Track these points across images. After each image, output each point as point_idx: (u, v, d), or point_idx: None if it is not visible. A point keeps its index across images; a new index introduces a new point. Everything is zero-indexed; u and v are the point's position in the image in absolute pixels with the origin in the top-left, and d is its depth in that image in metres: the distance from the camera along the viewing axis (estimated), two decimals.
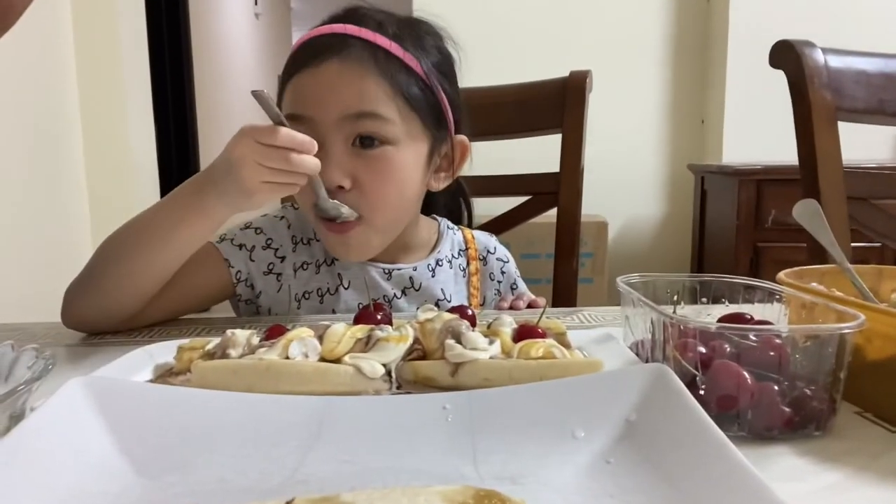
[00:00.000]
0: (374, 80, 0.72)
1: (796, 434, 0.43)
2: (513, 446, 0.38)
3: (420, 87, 0.76)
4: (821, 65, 1.01)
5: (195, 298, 0.79)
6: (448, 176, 0.85)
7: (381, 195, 0.75)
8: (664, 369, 0.41)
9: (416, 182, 0.79)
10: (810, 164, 0.99)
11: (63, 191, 2.16)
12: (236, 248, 0.82)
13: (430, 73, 0.77)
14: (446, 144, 0.82)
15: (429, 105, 0.77)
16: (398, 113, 0.74)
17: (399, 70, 0.74)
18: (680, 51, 2.69)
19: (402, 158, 0.75)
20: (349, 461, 0.38)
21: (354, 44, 0.72)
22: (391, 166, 0.74)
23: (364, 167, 0.74)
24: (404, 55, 0.74)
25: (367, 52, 0.72)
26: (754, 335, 0.45)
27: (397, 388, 0.49)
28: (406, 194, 0.79)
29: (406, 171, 0.77)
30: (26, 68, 1.96)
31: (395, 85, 0.73)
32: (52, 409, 0.38)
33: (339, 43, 0.72)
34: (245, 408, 0.42)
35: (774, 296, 0.55)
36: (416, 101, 0.75)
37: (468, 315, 0.55)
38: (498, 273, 0.95)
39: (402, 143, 0.75)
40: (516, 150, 1.33)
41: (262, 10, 5.40)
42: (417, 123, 0.76)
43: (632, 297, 0.55)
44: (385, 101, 0.73)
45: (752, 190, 2.20)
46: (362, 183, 0.74)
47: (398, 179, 0.76)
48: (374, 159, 0.74)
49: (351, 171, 0.73)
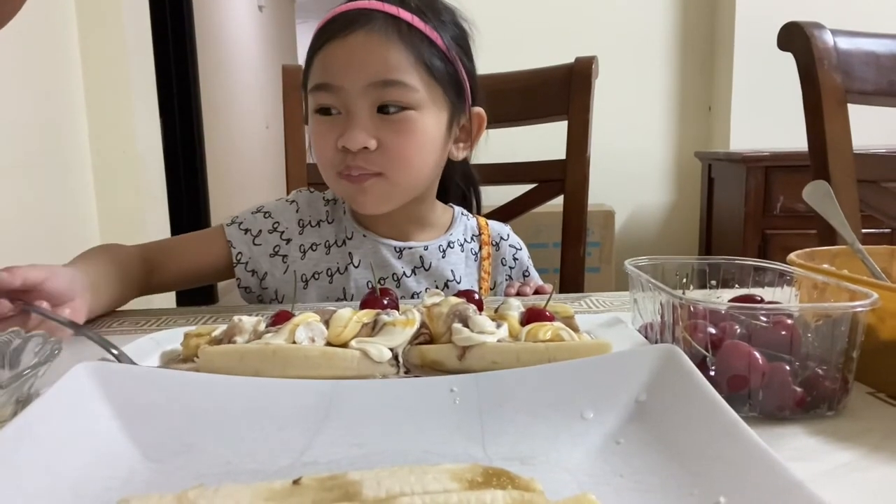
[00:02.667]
0: (397, 50, 0.75)
1: (808, 414, 0.43)
2: (522, 428, 0.38)
3: (441, 59, 0.79)
4: (830, 47, 1.00)
5: (196, 274, 0.87)
6: (467, 146, 0.89)
7: (403, 154, 0.78)
8: (674, 349, 0.41)
9: (436, 146, 0.82)
10: (820, 148, 0.98)
11: (69, 186, 2.17)
12: (242, 232, 0.87)
13: (451, 46, 0.81)
14: (464, 116, 0.86)
15: (449, 76, 0.80)
16: (420, 81, 0.77)
17: (421, 41, 0.77)
18: (687, 37, 2.67)
19: (424, 122, 0.78)
20: (357, 444, 0.37)
21: (378, 17, 0.76)
22: (413, 127, 0.78)
23: (387, 129, 0.77)
24: (425, 28, 0.78)
25: (391, 25, 0.76)
26: (765, 315, 0.44)
27: (405, 372, 0.49)
28: (426, 156, 0.81)
29: (427, 134, 0.79)
30: (31, 64, 1.96)
31: (418, 55, 0.77)
32: (58, 393, 0.38)
33: (365, 17, 0.76)
34: (252, 391, 0.41)
35: (785, 278, 0.54)
36: (437, 71, 0.78)
37: (475, 299, 0.55)
38: (510, 259, 0.95)
39: (423, 108, 0.78)
40: (523, 137, 1.33)
41: (266, 3, 5.38)
42: (439, 92, 0.79)
43: (640, 280, 0.54)
44: (408, 70, 0.76)
45: (760, 177, 2.18)
46: (385, 143, 0.77)
47: (419, 140, 0.79)
48: (398, 122, 0.77)
49: (375, 134, 0.76)
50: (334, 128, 0.77)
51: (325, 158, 0.80)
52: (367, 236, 0.87)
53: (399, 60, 0.75)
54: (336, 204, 0.91)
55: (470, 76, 0.84)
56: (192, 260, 0.87)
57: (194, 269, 0.87)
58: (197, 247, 0.88)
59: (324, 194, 0.92)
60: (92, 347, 0.59)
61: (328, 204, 0.90)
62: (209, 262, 0.87)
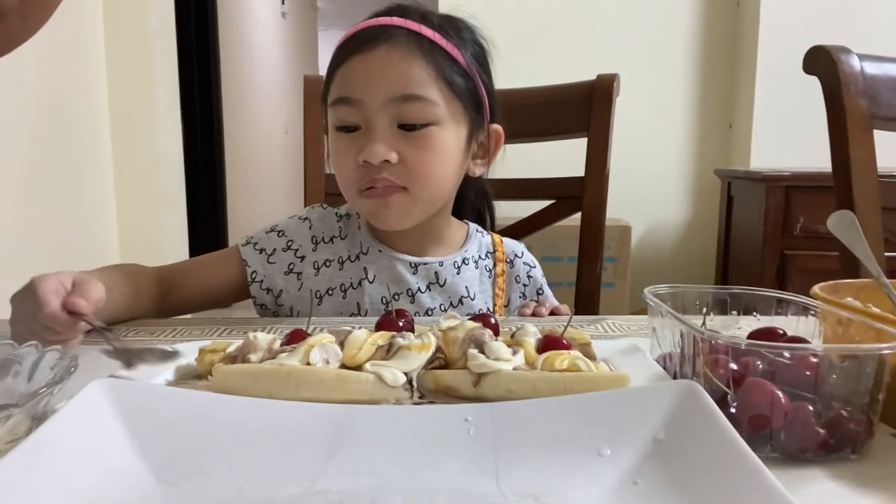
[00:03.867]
0: (419, 65, 0.76)
1: (831, 457, 0.42)
2: (536, 462, 0.37)
3: (461, 75, 0.80)
4: (856, 71, 0.99)
5: (212, 295, 0.88)
6: (484, 163, 0.89)
7: (425, 168, 0.78)
8: (694, 386, 0.40)
9: (456, 161, 0.83)
10: (844, 174, 0.97)
11: (90, 190, 2.19)
12: (257, 251, 0.88)
13: (471, 63, 0.81)
14: (483, 132, 0.86)
15: (469, 92, 0.81)
16: (441, 96, 0.78)
17: (442, 57, 0.78)
18: (708, 53, 2.66)
19: (445, 137, 0.79)
20: (369, 473, 0.37)
21: (401, 33, 0.77)
22: (434, 142, 0.78)
23: (408, 144, 0.77)
24: (447, 44, 0.79)
25: (413, 40, 0.77)
26: (788, 353, 0.43)
27: (419, 397, 0.48)
28: (447, 171, 0.82)
29: (448, 149, 0.80)
30: (57, 69, 1.99)
31: (439, 70, 0.77)
32: (73, 412, 0.38)
33: (387, 32, 0.77)
34: (265, 414, 0.41)
35: (809, 310, 0.53)
36: (457, 87, 0.79)
37: (491, 324, 0.54)
38: (524, 277, 0.95)
39: (444, 123, 0.79)
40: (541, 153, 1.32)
41: (289, 10, 5.43)
42: (459, 108, 0.80)
43: (660, 310, 0.53)
44: (429, 85, 0.77)
45: (781, 196, 2.16)
46: (407, 157, 0.77)
47: (440, 155, 0.79)
48: (419, 137, 0.77)
49: (396, 147, 0.77)
50: (354, 144, 0.78)
51: (347, 176, 0.80)
52: (382, 251, 0.87)
53: (420, 75, 0.76)
54: (349, 219, 0.91)
55: (489, 93, 0.85)
56: (208, 280, 0.88)
57: (210, 289, 0.88)
58: (212, 267, 0.89)
59: (337, 210, 0.92)
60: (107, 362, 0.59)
61: (341, 220, 0.91)
62: (225, 282, 0.88)
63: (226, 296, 0.89)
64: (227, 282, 0.88)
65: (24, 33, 0.42)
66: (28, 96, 1.86)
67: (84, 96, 2.15)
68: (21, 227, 1.82)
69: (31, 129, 1.87)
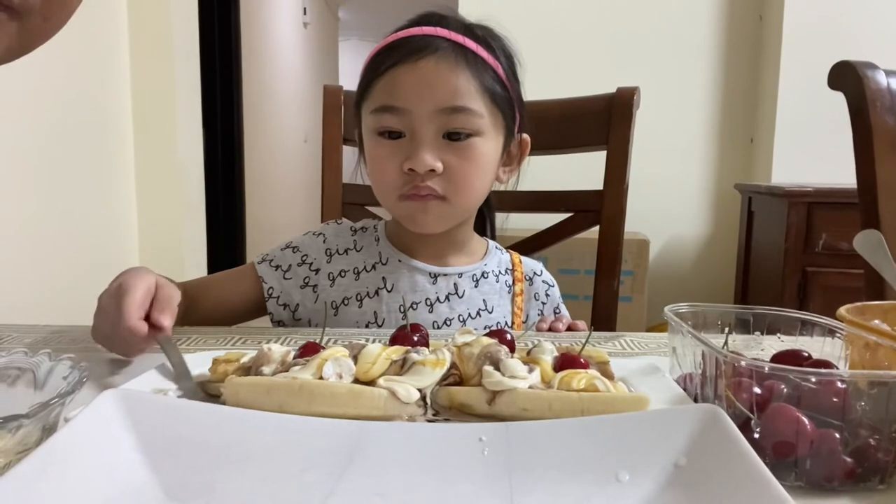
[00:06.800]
0: (465, 77, 0.77)
1: (858, 487, 0.40)
2: (552, 487, 0.36)
3: (501, 86, 0.81)
4: (883, 87, 0.97)
5: (229, 311, 0.88)
6: (512, 170, 0.90)
7: (468, 178, 0.80)
8: (717, 411, 0.39)
9: (492, 171, 0.84)
10: (870, 192, 0.95)
11: (112, 196, 2.22)
12: (272, 268, 0.89)
13: (508, 73, 0.83)
14: (514, 141, 0.87)
15: (506, 103, 0.82)
16: (485, 107, 0.79)
17: (485, 69, 0.79)
18: (730, 66, 2.63)
19: (486, 147, 0.80)
20: (380, 494, 0.36)
21: (446, 44, 0.78)
22: (478, 154, 0.79)
23: (453, 154, 0.78)
24: (488, 57, 0.80)
25: (459, 53, 0.78)
26: (815, 377, 0.42)
27: (433, 414, 0.47)
28: (485, 180, 0.84)
29: (488, 159, 0.82)
30: (82, 78, 2.02)
31: (483, 83, 0.78)
32: (84, 423, 0.37)
33: (434, 44, 0.78)
34: (277, 429, 0.41)
35: (835, 333, 0.52)
36: (498, 98, 0.80)
37: (507, 340, 0.53)
38: (542, 295, 0.95)
39: (487, 134, 0.80)
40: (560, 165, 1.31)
41: (311, 20, 5.49)
42: (499, 118, 0.82)
43: (681, 329, 0.52)
44: (475, 97, 0.78)
45: (803, 212, 2.12)
46: (451, 167, 0.78)
47: (482, 166, 0.81)
48: (464, 148, 0.79)
49: (441, 157, 0.78)
50: (398, 151, 0.78)
51: (388, 181, 0.80)
52: (402, 261, 0.87)
53: (467, 87, 0.77)
54: (365, 232, 0.91)
55: (520, 102, 0.86)
56: (226, 297, 0.89)
57: (228, 306, 0.88)
58: (230, 284, 0.90)
59: (351, 224, 0.93)
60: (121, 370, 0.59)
61: (356, 233, 0.91)
62: (242, 299, 0.88)
63: (244, 312, 0.89)
64: (245, 299, 0.88)
65: (44, 33, 0.42)
66: (53, 104, 1.88)
67: (107, 104, 2.18)
68: (44, 231, 1.85)
69: (55, 136, 1.89)
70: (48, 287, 1.80)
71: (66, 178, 1.96)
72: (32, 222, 1.81)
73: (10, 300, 1.64)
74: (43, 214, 1.85)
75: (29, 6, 0.39)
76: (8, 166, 1.71)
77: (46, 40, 0.43)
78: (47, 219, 1.87)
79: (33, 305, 1.71)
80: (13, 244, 1.72)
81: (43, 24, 0.41)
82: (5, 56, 0.41)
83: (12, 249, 1.71)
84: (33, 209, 1.82)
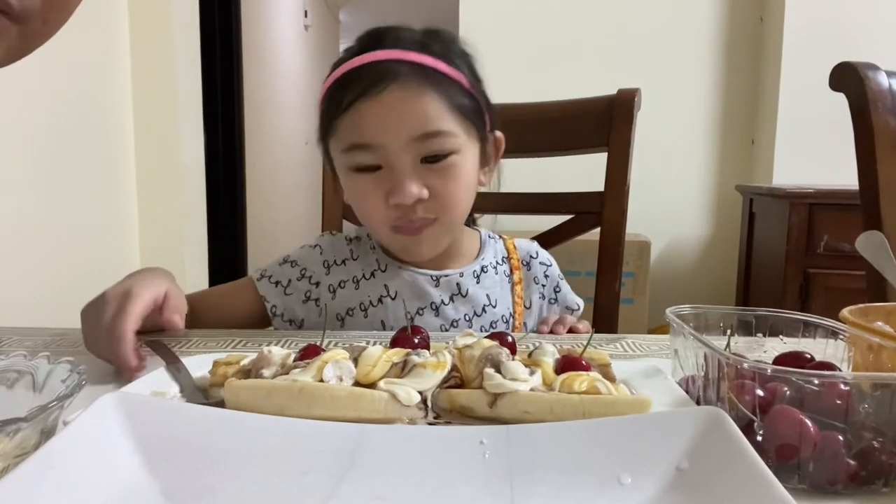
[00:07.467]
0: (432, 100, 0.75)
1: (862, 489, 0.40)
2: (553, 490, 0.36)
3: (468, 98, 0.79)
4: (884, 88, 0.97)
5: (233, 324, 0.85)
6: (490, 170, 0.89)
7: (455, 198, 0.79)
8: (720, 413, 0.38)
9: (475, 181, 0.83)
10: (872, 193, 0.94)
11: (113, 197, 2.22)
12: (272, 285, 0.88)
13: (471, 80, 0.80)
14: (488, 143, 0.86)
15: (475, 111, 0.80)
16: (457, 125, 0.77)
17: (450, 86, 0.77)
18: (731, 68, 2.63)
19: (465, 162, 0.79)
20: (381, 497, 0.36)
21: (406, 69, 0.74)
22: (459, 170, 0.78)
23: (434, 176, 0.77)
24: (450, 71, 0.77)
25: (421, 75, 0.75)
26: (818, 380, 0.41)
27: (434, 416, 0.47)
28: (470, 193, 0.83)
29: (470, 173, 0.81)
30: (82, 79, 2.02)
31: (451, 101, 0.76)
32: (82, 426, 0.37)
33: (393, 71, 0.74)
34: (277, 432, 0.40)
35: (837, 335, 0.52)
36: (466, 110, 0.78)
37: (508, 342, 0.53)
38: (542, 277, 0.94)
39: (464, 150, 0.79)
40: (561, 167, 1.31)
41: (312, 23, 5.49)
42: (472, 130, 0.80)
43: (682, 331, 0.52)
44: (446, 118, 0.76)
45: (804, 214, 2.12)
46: (436, 190, 0.77)
47: (465, 181, 0.80)
48: (444, 168, 0.77)
49: (425, 183, 0.77)
50: (379, 184, 0.77)
51: (376, 214, 0.79)
52: (402, 267, 0.87)
53: (437, 110, 0.75)
54: (360, 241, 0.91)
55: (487, 104, 0.84)
56: (227, 312, 0.88)
57: (230, 321, 0.86)
58: (230, 300, 0.90)
59: (346, 234, 0.93)
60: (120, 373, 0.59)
61: (351, 243, 0.91)
62: (244, 314, 0.88)
63: (245, 326, 0.87)
64: (246, 314, 0.88)
65: (44, 35, 0.42)
66: (54, 105, 1.88)
67: (109, 106, 2.18)
68: (45, 232, 1.84)
69: (57, 137, 1.89)
70: (48, 287, 1.79)
71: (67, 178, 1.96)
72: (33, 223, 1.80)
73: (11, 300, 1.63)
74: (44, 215, 1.85)
75: (29, 10, 0.39)
76: (9, 167, 1.71)
77: (45, 42, 0.43)
78: (48, 219, 1.86)
79: (34, 306, 1.71)
80: (14, 244, 1.72)
81: (42, 27, 0.41)
82: (5, 59, 0.41)
83: (13, 250, 1.71)
84: (34, 210, 1.82)
